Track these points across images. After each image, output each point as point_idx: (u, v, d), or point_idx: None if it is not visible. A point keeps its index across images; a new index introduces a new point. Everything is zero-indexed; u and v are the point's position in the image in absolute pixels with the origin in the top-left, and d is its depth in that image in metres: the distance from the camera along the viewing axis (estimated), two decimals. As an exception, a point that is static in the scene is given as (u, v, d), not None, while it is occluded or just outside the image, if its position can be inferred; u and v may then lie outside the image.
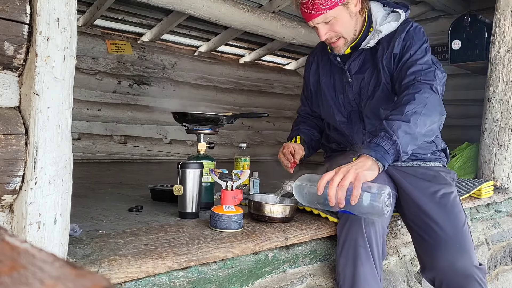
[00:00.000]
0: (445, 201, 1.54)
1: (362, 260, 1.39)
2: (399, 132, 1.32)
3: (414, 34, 1.58)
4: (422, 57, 1.54)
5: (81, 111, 4.12)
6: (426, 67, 1.51)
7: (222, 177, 1.44)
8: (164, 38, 4.72)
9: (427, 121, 1.38)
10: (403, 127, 1.33)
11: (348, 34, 1.59)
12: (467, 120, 4.07)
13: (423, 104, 1.39)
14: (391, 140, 1.31)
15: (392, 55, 1.58)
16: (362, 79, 1.65)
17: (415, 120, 1.35)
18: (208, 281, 1.20)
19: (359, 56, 1.65)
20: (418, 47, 1.56)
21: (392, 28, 1.60)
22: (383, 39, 1.61)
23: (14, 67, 0.97)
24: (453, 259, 1.44)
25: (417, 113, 1.37)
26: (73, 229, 1.19)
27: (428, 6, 4.12)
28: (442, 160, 1.76)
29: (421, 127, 1.36)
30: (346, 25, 1.56)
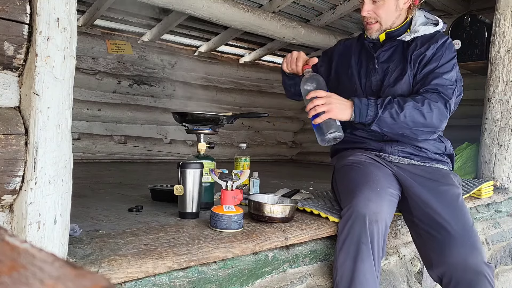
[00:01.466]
0: (455, 200, 1.55)
1: (362, 257, 1.39)
2: (386, 112, 1.53)
3: (447, 48, 1.68)
4: (448, 71, 1.64)
5: (81, 111, 4.12)
6: (449, 83, 1.63)
7: (222, 177, 1.44)
8: (164, 38, 4.71)
9: (419, 125, 1.55)
10: (393, 110, 1.53)
11: (385, 22, 1.69)
12: (467, 120, 4.06)
13: (427, 110, 1.54)
14: (376, 111, 1.53)
15: (423, 55, 1.66)
16: (387, 68, 1.73)
17: (407, 115, 1.52)
18: (208, 281, 1.20)
19: (390, 48, 1.74)
20: (447, 60, 1.65)
21: (428, 31, 1.71)
22: (419, 39, 1.71)
23: (14, 67, 0.97)
24: (464, 256, 1.44)
25: (414, 112, 1.53)
26: (73, 229, 1.19)
27: (428, 6, 4.12)
28: (449, 164, 1.79)
29: (409, 122, 1.54)
30: (389, 13, 1.67)
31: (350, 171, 1.66)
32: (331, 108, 1.51)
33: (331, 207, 1.71)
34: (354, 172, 1.63)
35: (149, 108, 4.58)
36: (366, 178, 1.57)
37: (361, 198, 1.46)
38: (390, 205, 1.54)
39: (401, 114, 1.52)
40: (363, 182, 1.54)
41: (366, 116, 1.54)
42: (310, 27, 4.18)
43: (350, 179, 1.61)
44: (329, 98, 1.52)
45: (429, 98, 1.57)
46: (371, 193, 1.48)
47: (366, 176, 1.58)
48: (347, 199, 1.53)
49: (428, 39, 1.70)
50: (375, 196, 1.48)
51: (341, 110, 1.53)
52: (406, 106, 1.53)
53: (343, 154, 1.80)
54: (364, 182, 1.54)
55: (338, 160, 1.81)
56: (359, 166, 1.65)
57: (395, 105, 1.53)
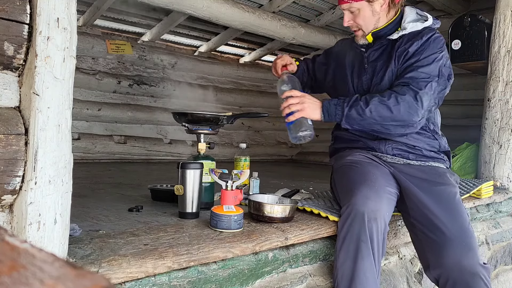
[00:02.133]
0: (451, 200, 1.55)
1: (362, 255, 1.40)
2: (353, 109, 1.58)
3: (432, 42, 1.66)
4: (427, 65, 1.62)
5: (81, 111, 4.12)
6: (424, 76, 1.61)
7: (222, 177, 1.44)
8: (164, 38, 4.71)
9: (387, 119, 1.58)
10: (358, 107, 1.58)
11: (367, 28, 1.72)
12: (467, 120, 4.07)
13: (394, 103, 1.56)
14: (343, 111, 1.60)
15: (406, 51, 1.66)
16: (376, 67, 1.75)
17: (373, 110, 1.56)
18: (208, 281, 1.20)
19: (380, 47, 1.75)
20: (428, 54, 1.64)
21: (416, 28, 1.70)
22: (406, 36, 1.70)
23: (14, 67, 0.97)
24: (460, 257, 1.45)
25: (381, 106, 1.56)
26: (73, 229, 1.19)
27: (428, 6, 4.12)
28: (445, 162, 1.78)
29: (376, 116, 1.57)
30: (367, 20, 1.70)
31: (349, 170, 1.66)
32: (304, 108, 1.60)
33: (331, 207, 1.71)
34: (352, 171, 1.64)
35: (149, 108, 4.58)
36: (364, 177, 1.57)
37: (360, 196, 1.47)
38: (389, 203, 1.54)
39: (367, 110, 1.56)
40: (361, 181, 1.55)
41: (335, 115, 1.61)
42: (310, 27, 4.19)
43: (349, 179, 1.62)
44: (302, 98, 1.61)
45: (397, 91, 1.58)
46: (369, 192, 1.49)
47: (364, 175, 1.59)
48: (345, 198, 1.53)
49: (414, 35, 1.69)
50: (373, 194, 1.48)
51: (313, 110, 1.62)
52: (371, 101, 1.57)
53: (341, 154, 1.82)
54: (362, 181, 1.55)
55: (336, 160, 1.82)
56: (357, 166, 1.66)
57: (360, 102, 1.58)
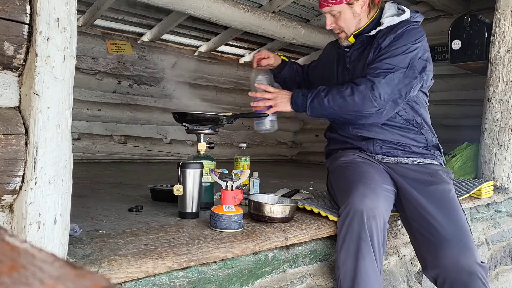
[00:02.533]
0: (445, 199, 1.55)
1: (363, 254, 1.39)
2: (315, 100, 1.66)
3: (405, 35, 1.65)
4: (393, 56, 1.62)
5: (81, 111, 4.12)
6: (387, 66, 1.61)
7: (222, 177, 1.44)
8: (164, 38, 4.71)
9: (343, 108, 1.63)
10: (319, 98, 1.65)
11: (349, 30, 1.74)
12: (467, 120, 4.06)
13: (349, 93, 1.61)
14: (307, 101, 1.68)
15: (379, 47, 1.67)
16: (356, 65, 1.77)
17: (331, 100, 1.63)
18: (208, 281, 1.20)
19: (361, 46, 1.77)
20: (398, 46, 1.63)
21: (393, 22, 1.70)
22: (382, 31, 1.71)
23: (14, 67, 0.97)
24: (456, 257, 1.45)
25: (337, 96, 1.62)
26: (73, 229, 1.19)
27: (428, 6, 4.12)
28: (437, 158, 1.77)
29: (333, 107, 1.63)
30: (348, 22, 1.72)
31: (344, 171, 1.67)
32: (276, 103, 1.74)
33: (331, 207, 1.71)
34: (348, 171, 1.64)
35: (149, 108, 4.58)
36: (360, 175, 1.58)
37: (357, 195, 1.47)
38: (386, 201, 1.54)
39: (325, 100, 1.63)
40: (358, 180, 1.55)
41: (301, 105, 1.70)
42: (310, 27, 4.19)
43: (345, 179, 1.62)
44: (276, 94, 1.74)
45: (355, 82, 1.63)
46: (366, 190, 1.49)
47: (360, 174, 1.59)
48: (343, 198, 1.54)
49: (390, 30, 1.68)
50: (370, 192, 1.48)
51: (284, 104, 1.73)
52: (330, 92, 1.64)
53: (335, 155, 1.83)
54: (359, 180, 1.55)
55: (331, 162, 1.83)
56: (352, 165, 1.67)
57: (322, 93, 1.65)
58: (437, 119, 4.20)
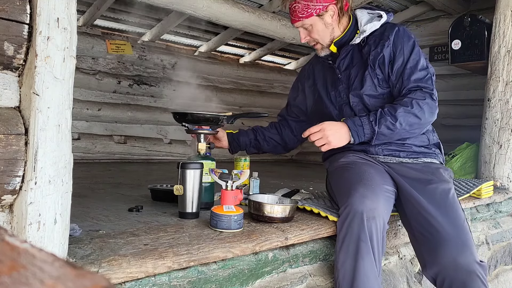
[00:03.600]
0: (444, 198, 1.55)
1: (362, 255, 1.39)
2: (382, 126, 1.59)
3: (402, 37, 1.70)
4: (418, 61, 1.67)
5: (81, 111, 4.11)
6: (424, 73, 1.66)
7: (222, 177, 1.44)
8: (164, 38, 4.71)
9: (416, 125, 1.63)
10: (388, 123, 1.59)
11: (323, 41, 1.76)
12: (467, 120, 4.06)
13: (418, 110, 1.60)
14: (372, 128, 1.60)
15: (380, 56, 1.69)
16: (349, 74, 1.77)
17: (402, 121, 1.59)
18: (208, 281, 1.20)
19: (347, 54, 1.78)
20: (410, 50, 1.69)
21: (375, 27, 1.73)
22: (370, 38, 1.74)
23: (14, 67, 0.97)
24: (455, 256, 1.45)
25: (408, 115, 1.59)
26: (73, 229, 1.19)
27: (428, 6, 4.12)
28: (438, 156, 1.78)
29: (406, 127, 1.61)
30: (321, 33, 1.74)
31: (344, 171, 1.66)
32: (329, 141, 1.60)
33: (331, 207, 1.71)
34: (348, 172, 1.64)
35: (149, 108, 4.58)
36: (360, 176, 1.57)
37: (357, 196, 1.47)
38: (387, 201, 1.54)
39: (397, 123, 1.59)
40: (358, 181, 1.55)
41: (364, 135, 1.62)
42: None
43: (344, 179, 1.62)
44: (323, 132, 1.60)
45: (415, 97, 1.62)
46: (366, 191, 1.49)
47: (360, 174, 1.59)
48: (343, 199, 1.53)
49: (379, 37, 1.72)
50: (370, 193, 1.48)
51: (339, 139, 1.62)
52: (398, 114, 1.59)
53: (334, 156, 1.82)
54: (359, 180, 1.55)
55: (330, 163, 1.82)
56: (352, 166, 1.66)
57: (388, 117, 1.59)
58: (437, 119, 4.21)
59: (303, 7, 1.68)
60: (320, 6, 1.67)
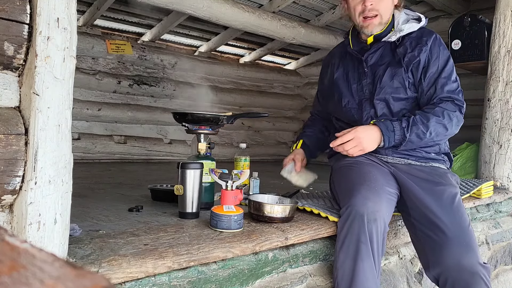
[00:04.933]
0: (451, 201, 1.55)
1: (362, 256, 1.39)
2: (413, 134, 1.60)
3: (439, 45, 1.71)
4: (451, 72, 1.69)
5: (81, 111, 4.11)
6: (456, 86, 1.69)
7: (222, 177, 1.44)
8: (164, 38, 4.71)
9: (442, 135, 1.65)
10: (419, 131, 1.60)
11: (385, 15, 1.72)
12: (467, 120, 4.05)
13: (448, 121, 1.62)
14: (404, 135, 1.60)
15: (416, 60, 1.68)
16: (377, 70, 1.74)
17: (432, 131, 1.60)
18: (208, 281, 1.20)
19: (377, 50, 1.75)
20: (445, 61, 1.70)
21: (413, 28, 1.73)
22: (407, 40, 1.73)
23: (14, 67, 0.97)
24: (459, 257, 1.45)
25: (438, 126, 1.61)
26: (73, 229, 1.19)
27: (428, 6, 4.12)
28: (446, 162, 1.78)
29: (433, 137, 1.62)
30: (387, 6, 1.71)
31: (348, 171, 1.66)
32: (364, 147, 1.61)
33: (331, 207, 1.71)
34: (352, 172, 1.64)
35: (149, 108, 4.58)
36: (363, 177, 1.57)
37: (359, 197, 1.47)
38: (389, 204, 1.54)
39: (427, 133, 1.60)
40: (361, 182, 1.55)
41: (394, 141, 1.61)
42: (310, 27, 4.18)
43: (348, 179, 1.62)
44: (357, 140, 1.59)
45: (447, 108, 1.63)
46: (369, 192, 1.49)
47: (364, 175, 1.58)
48: (345, 199, 1.53)
49: (416, 40, 1.71)
50: (373, 195, 1.48)
51: (371, 143, 1.61)
52: (430, 123, 1.60)
53: (340, 155, 1.80)
54: (362, 182, 1.54)
55: (335, 161, 1.82)
56: (356, 166, 1.66)
57: (420, 126, 1.60)
58: (437, 119, 4.21)
59: None
60: None
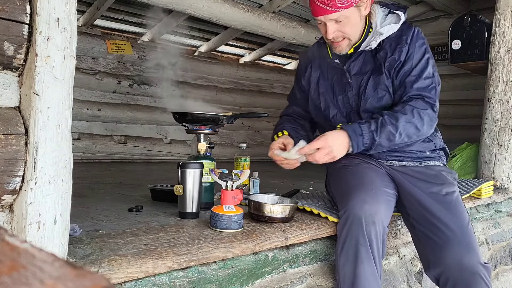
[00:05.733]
0: (449, 200, 1.54)
1: (362, 259, 1.39)
2: (382, 136, 1.49)
3: (416, 41, 1.59)
4: (424, 69, 1.57)
5: (81, 111, 4.12)
6: (429, 82, 1.57)
7: (222, 177, 1.44)
8: (164, 38, 4.71)
9: (413, 136, 1.55)
10: (388, 133, 1.50)
11: (354, 36, 1.58)
12: (467, 120, 4.07)
13: (418, 120, 1.53)
14: (373, 138, 1.49)
15: (397, 62, 1.58)
16: (361, 80, 1.63)
17: (402, 132, 1.51)
18: (208, 281, 1.20)
19: (359, 57, 1.63)
20: (420, 57, 1.57)
21: (393, 30, 1.59)
22: (386, 42, 1.60)
23: (14, 67, 0.97)
24: (460, 257, 1.44)
25: (408, 125, 1.51)
26: (73, 229, 1.19)
27: (428, 6, 4.12)
28: (441, 159, 1.76)
29: (405, 138, 1.53)
30: (355, 27, 1.56)
31: (344, 173, 1.64)
32: (334, 156, 1.48)
33: (331, 207, 1.71)
34: (348, 174, 1.62)
35: (149, 108, 4.58)
36: (360, 180, 1.56)
37: (356, 200, 1.46)
38: (387, 205, 1.53)
39: (397, 134, 1.50)
40: (358, 184, 1.53)
41: (363, 145, 1.50)
42: (310, 27, 4.19)
43: (345, 182, 1.60)
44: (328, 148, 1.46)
45: (416, 106, 1.52)
46: (366, 195, 1.47)
47: (360, 178, 1.57)
48: (342, 202, 1.52)
49: (396, 40, 1.59)
50: (370, 197, 1.47)
51: (342, 150, 1.49)
52: (399, 123, 1.49)
53: None
54: (359, 184, 1.53)
55: (330, 163, 1.76)
56: (352, 168, 1.64)
57: (388, 127, 1.49)
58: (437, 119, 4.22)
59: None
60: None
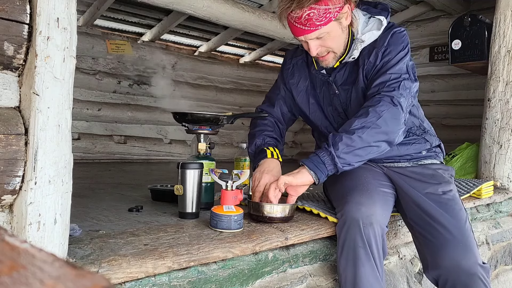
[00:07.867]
0: (445, 199, 1.54)
1: (362, 261, 1.39)
2: (339, 145, 1.39)
3: (393, 43, 1.52)
4: (393, 66, 1.50)
5: (81, 111, 4.12)
6: (393, 77, 1.48)
7: (222, 177, 1.44)
8: (164, 38, 4.72)
9: (376, 135, 1.42)
10: (344, 140, 1.40)
11: (338, 48, 1.53)
12: (467, 120, 4.06)
13: (376, 117, 1.42)
14: (328, 153, 1.40)
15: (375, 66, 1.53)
16: (348, 90, 1.60)
17: (361, 134, 1.40)
18: (208, 281, 1.20)
19: (344, 66, 1.60)
20: (393, 56, 1.51)
21: (374, 37, 1.54)
22: (365, 48, 1.55)
23: (14, 67, 0.97)
24: (457, 258, 1.44)
25: (365, 127, 1.41)
26: (73, 229, 1.19)
27: (428, 6, 4.12)
28: (438, 156, 1.75)
29: (366, 140, 1.41)
30: (338, 40, 1.50)
31: (340, 176, 1.60)
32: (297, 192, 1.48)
33: (331, 208, 1.71)
34: (344, 176, 1.59)
35: (149, 108, 4.59)
36: (356, 181, 1.55)
37: (353, 203, 1.45)
38: (385, 205, 1.52)
39: (355, 138, 1.40)
40: (353, 186, 1.53)
41: (326, 167, 1.41)
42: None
43: (340, 184, 1.60)
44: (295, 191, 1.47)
45: (372, 104, 1.45)
46: (362, 197, 1.47)
47: (356, 179, 1.56)
48: (339, 205, 1.52)
49: (373, 44, 1.54)
50: (366, 199, 1.46)
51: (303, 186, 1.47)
52: (353, 128, 1.41)
53: None
54: (354, 186, 1.53)
55: None
56: (348, 170, 1.63)
57: (342, 135, 1.41)
58: (437, 119, 4.23)
59: (322, 12, 1.39)
60: (337, 8, 1.41)
